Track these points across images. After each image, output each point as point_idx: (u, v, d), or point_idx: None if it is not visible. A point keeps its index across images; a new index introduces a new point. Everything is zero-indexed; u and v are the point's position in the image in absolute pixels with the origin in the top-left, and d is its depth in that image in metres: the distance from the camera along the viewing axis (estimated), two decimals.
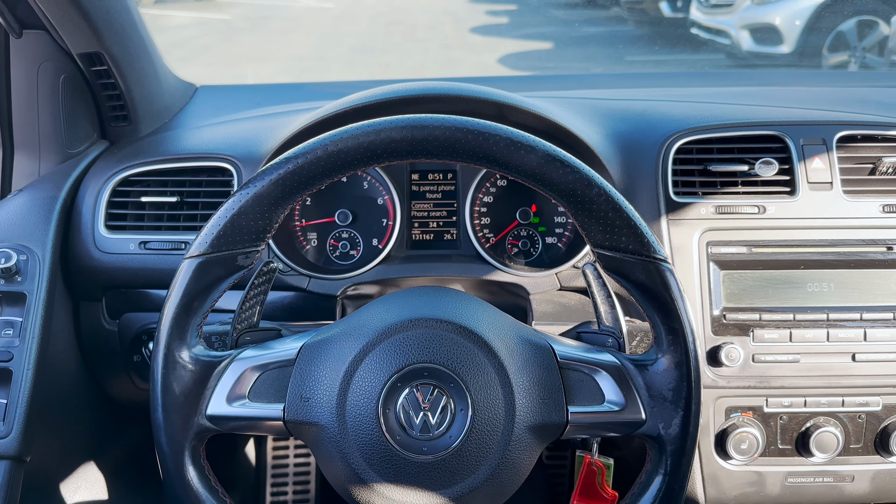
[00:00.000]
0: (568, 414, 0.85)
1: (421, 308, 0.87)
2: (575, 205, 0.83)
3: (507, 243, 1.31)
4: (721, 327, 1.15)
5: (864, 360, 1.14)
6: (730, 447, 1.16)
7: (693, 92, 1.52)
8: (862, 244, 1.15)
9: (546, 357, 0.87)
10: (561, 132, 1.16)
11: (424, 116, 0.81)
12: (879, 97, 1.47)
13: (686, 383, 0.85)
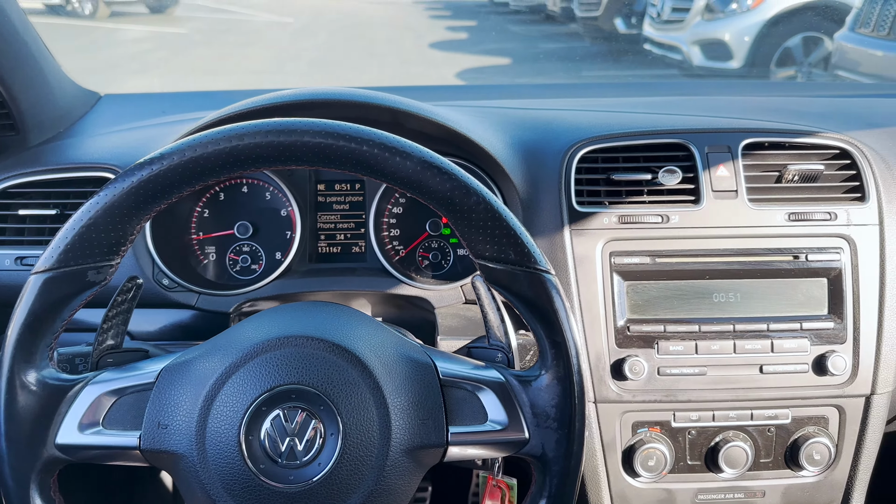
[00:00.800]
0: (448, 435, 0.81)
1: (291, 325, 0.82)
2: (454, 214, 0.79)
3: (418, 255, 1.27)
4: (625, 339, 1.11)
5: (772, 371, 1.12)
6: (637, 464, 1.12)
7: (608, 102, 1.50)
8: (768, 253, 1.13)
9: (427, 375, 0.83)
10: (460, 140, 1.12)
11: (292, 120, 0.76)
12: (792, 106, 1.46)
13: (569, 400, 0.81)
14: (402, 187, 0.78)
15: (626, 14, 8.79)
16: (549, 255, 1.12)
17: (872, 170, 1.15)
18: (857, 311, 1.12)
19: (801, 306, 1.13)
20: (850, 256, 1.13)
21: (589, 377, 1.11)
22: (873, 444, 1.16)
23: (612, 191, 1.14)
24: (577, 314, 1.11)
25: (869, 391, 1.13)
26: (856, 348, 1.12)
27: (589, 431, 1.13)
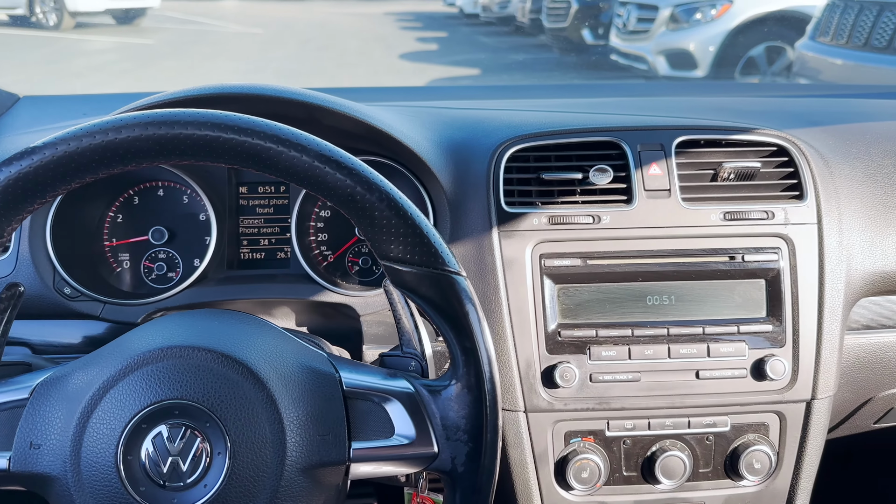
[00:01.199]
0: (350, 451, 0.75)
1: (176, 335, 0.76)
2: (355, 211, 0.74)
3: (347, 261, 1.21)
4: (556, 345, 1.06)
5: (708, 377, 1.08)
6: (570, 476, 1.07)
7: (548, 103, 1.46)
8: (703, 254, 1.09)
9: (329, 386, 0.77)
10: (383, 137, 1.07)
11: (174, 111, 0.71)
12: (734, 105, 1.43)
13: (480, 410, 0.76)
14: (298, 183, 0.73)
15: (593, 25, 8.86)
16: (477, 258, 1.07)
17: (810, 167, 1.12)
18: (797, 314, 1.08)
19: (738, 309, 1.09)
20: (789, 257, 1.09)
21: (518, 385, 1.06)
22: (815, 451, 1.12)
23: (542, 191, 1.10)
24: (505, 319, 1.05)
25: (809, 396, 1.09)
26: (795, 352, 1.08)
27: (519, 442, 1.08)
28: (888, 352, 1.18)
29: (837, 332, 1.09)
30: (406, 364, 0.84)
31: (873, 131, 1.28)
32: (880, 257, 1.13)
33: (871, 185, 1.17)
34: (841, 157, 1.19)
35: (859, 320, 1.17)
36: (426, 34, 12.77)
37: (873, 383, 1.20)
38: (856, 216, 1.13)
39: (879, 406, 1.25)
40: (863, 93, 2.07)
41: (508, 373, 1.05)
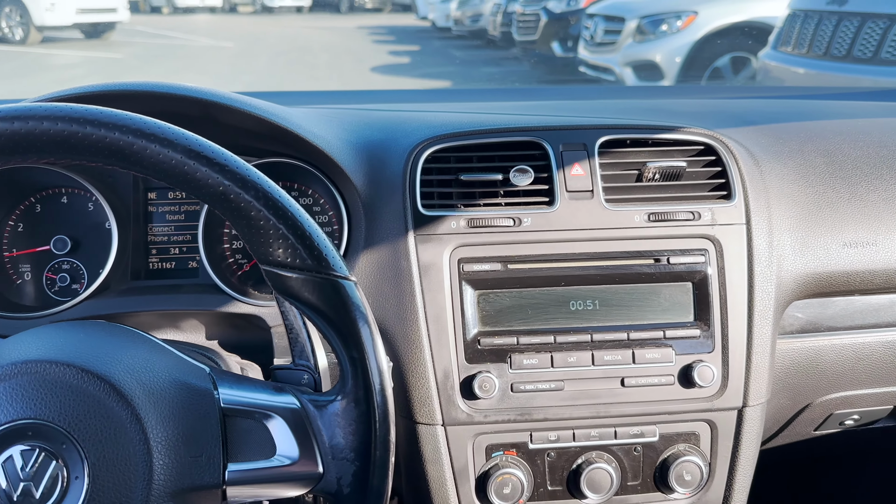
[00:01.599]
0: (225, 473, 0.69)
1: (33, 348, 0.69)
2: (229, 211, 0.69)
3: None
4: (475, 354, 1.01)
5: (634, 384, 1.03)
6: (492, 492, 1.01)
7: (479, 106, 1.42)
8: (627, 256, 1.05)
9: (204, 403, 0.71)
10: (289, 136, 1.02)
11: (28, 105, 0.65)
12: (670, 107, 1.40)
13: (367, 426, 0.70)
14: (166, 181, 0.68)
15: (562, 38, 8.92)
16: (392, 264, 1.02)
17: (739, 166, 1.09)
18: (725, 317, 1.05)
19: (664, 313, 1.05)
20: (716, 258, 1.05)
21: (436, 397, 1.00)
22: (748, 461, 1.08)
23: (461, 193, 1.05)
24: (422, 328, 1.00)
25: (740, 403, 1.05)
26: (724, 357, 1.04)
27: (438, 458, 1.02)
28: (824, 356, 1.14)
29: (769, 336, 1.06)
30: (298, 377, 0.78)
31: (808, 130, 1.25)
32: (812, 258, 1.10)
33: (802, 184, 1.14)
34: (773, 156, 1.16)
35: (793, 324, 1.13)
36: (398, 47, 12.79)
37: (810, 389, 1.17)
38: (786, 216, 1.10)
39: (818, 412, 1.21)
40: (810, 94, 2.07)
41: (425, 384, 1.00)
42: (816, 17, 4.67)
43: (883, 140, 1.23)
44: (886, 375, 1.18)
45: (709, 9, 6.53)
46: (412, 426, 1.02)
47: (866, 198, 1.14)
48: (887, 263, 1.11)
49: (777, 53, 5.03)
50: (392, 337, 1.01)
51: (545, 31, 9.14)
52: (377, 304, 1.02)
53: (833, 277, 1.10)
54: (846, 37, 4.47)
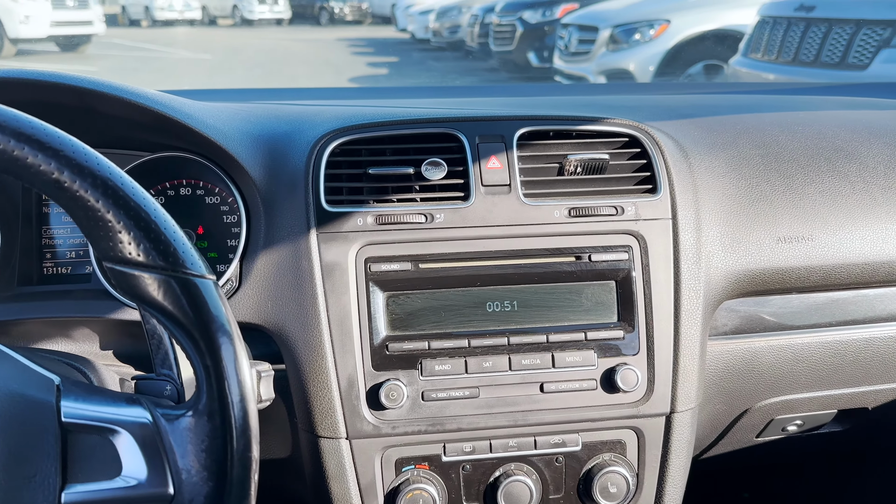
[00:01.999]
0: (61, 496, 0.62)
1: None
2: (65, 201, 0.62)
3: None
4: (383, 361, 0.94)
5: (554, 390, 0.96)
6: None
7: (407, 102, 1.36)
8: (546, 254, 0.98)
9: (42, 417, 0.64)
10: (177, 127, 0.95)
11: None
12: (607, 102, 1.35)
13: (222, 442, 0.63)
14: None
15: (538, 48, 8.93)
16: (292, 264, 0.95)
17: (664, 159, 1.03)
18: (650, 318, 0.98)
19: (586, 314, 0.99)
20: (641, 255, 0.99)
21: (339, 408, 0.93)
22: (679, 471, 1.01)
23: (370, 188, 0.98)
24: (324, 333, 0.93)
25: (668, 409, 0.99)
26: (650, 360, 0.98)
27: (342, 474, 0.95)
28: (761, 358, 1.08)
29: (697, 337, 0.99)
30: (160, 389, 0.71)
31: (744, 122, 1.20)
32: (744, 254, 1.04)
33: (734, 176, 1.08)
34: (704, 148, 1.11)
35: (726, 324, 1.07)
36: (377, 59, 12.76)
37: (748, 393, 1.11)
38: (716, 210, 1.04)
39: (758, 418, 1.15)
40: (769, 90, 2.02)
41: (327, 394, 0.93)
42: (785, 23, 4.69)
43: (822, 131, 1.18)
44: (828, 378, 1.12)
45: (681, 18, 6.56)
46: (315, 440, 0.94)
47: (802, 191, 1.08)
48: (824, 259, 1.05)
49: (747, 60, 5.04)
50: (292, 344, 0.94)
51: (521, 42, 9.16)
52: (276, 309, 0.95)
53: (766, 274, 1.04)
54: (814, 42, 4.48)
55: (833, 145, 1.15)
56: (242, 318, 0.96)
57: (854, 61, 4.25)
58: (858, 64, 4.20)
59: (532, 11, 9.13)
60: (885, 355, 1.12)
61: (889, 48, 4.16)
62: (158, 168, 1.02)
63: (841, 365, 1.11)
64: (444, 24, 12.47)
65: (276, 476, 1.05)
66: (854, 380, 1.13)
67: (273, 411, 0.99)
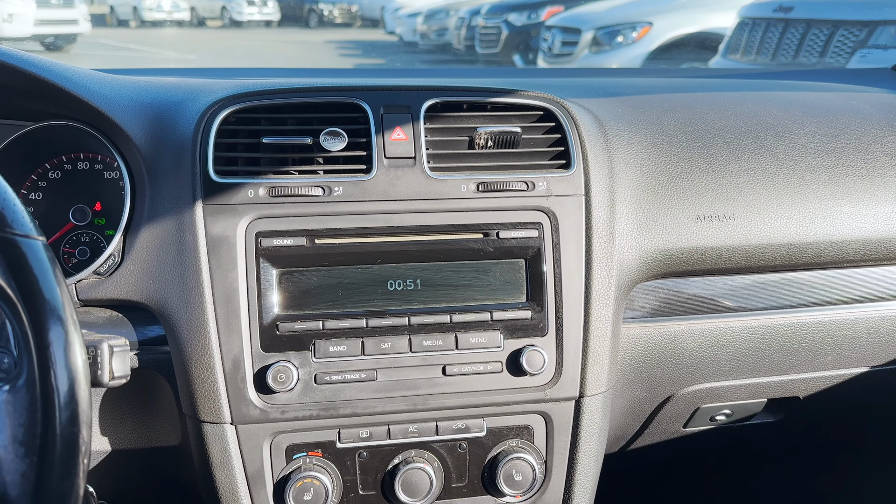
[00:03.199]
0: None
1: None
2: None
3: (63, 252, 1.02)
4: (273, 341, 0.89)
5: (457, 372, 0.91)
6: (290, 500, 0.89)
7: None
8: (453, 230, 0.93)
9: None
10: (56, 92, 0.89)
11: None
12: (546, 84, 1.30)
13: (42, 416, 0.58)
14: None
15: (523, 50, 8.92)
16: (176, 238, 0.90)
17: (579, 133, 0.98)
18: (560, 297, 0.93)
19: (494, 293, 0.94)
20: (551, 233, 0.94)
21: (223, 392, 0.88)
22: (590, 459, 0.96)
23: (265, 159, 0.93)
24: (208, 311, 0.88)
25: (577, 393, 0.94)
26: (559, 342, 0.93)
27: (227, 462, 0.89)
28: (682, 342, 1.03)
29: (609, 318, 0.95)
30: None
31: (673, 101, 1.16)
32: (660, 233, 0.99)
33: (655, 153, 1.04)
34: (625, 124, 1.06)
35: (644, 306, 1.03)
36: (365, 61, 12.72)
37: (669, 379, 1.06)
38: (633, 187, 1.00)
39: (682, 406, 1.10)
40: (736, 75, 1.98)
41: (210, 377, 0.88)
42: (763, 24, 4.67)
43: (753, 110, 1.14)
44: (754, 364, 1.07)
45: (663, 20, 6.56)
46: (199, 425, 0.89)
47: (726, 168, 1.04)
48: (746, 239, 1.01)
49: (726, 61, 5.02)
50: (174, 322, 0.88)
51: (506, 44, 9.14)
52: (158, 286, 0.89)
53: (685, 254, 1.00)
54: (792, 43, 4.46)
55: (763, 123, 1.11)
56: (124, 295, 0.90)
57: (832, 61, 4.23)
58: (836, 64, 4.18)
59: (517, 14, 9.12)
60: (815, 342, 1.07)
61: (865, 48, 4.15)
62: (50, 140, 0.97)
63: (768, 351, 1.06)
64: (431, 27, 12.44)
65: (167, 465, 1.00)
66: (782, 367, 1.09)
67: (160, 396, 0.94)
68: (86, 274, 0.92)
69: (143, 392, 0.94)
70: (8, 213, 0.59)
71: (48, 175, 1.03)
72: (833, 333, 1.07)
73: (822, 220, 1.04)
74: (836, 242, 1.05)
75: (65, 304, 0.60)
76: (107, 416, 0.95)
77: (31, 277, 0.58)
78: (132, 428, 0.96)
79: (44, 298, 0.58)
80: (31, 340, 0.58)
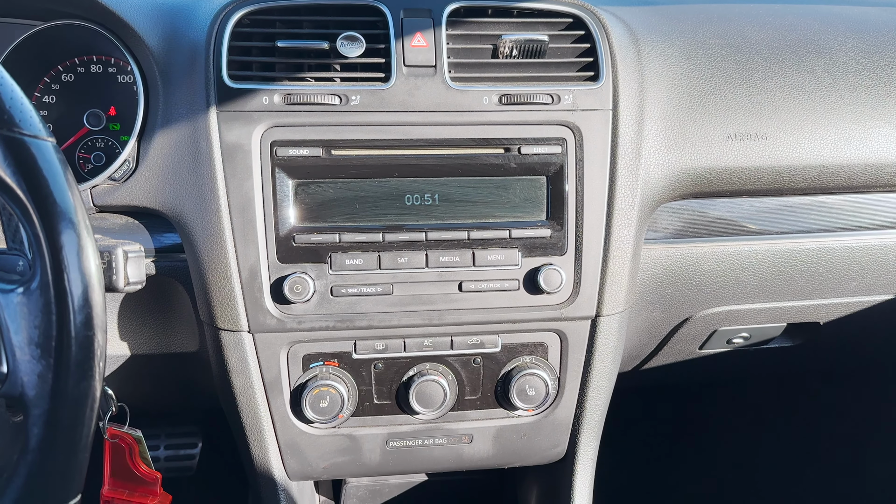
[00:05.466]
0: None
1: None
2: None
3: (78, 158, 1.01)
4: (289, 253, 0.88)
5: (474, 289, 0.91)
6: (306, 406, 0.90)
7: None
8: (473, 144, 0.90)
9: None
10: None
11: None
12: None
13: (57, 318, 0.58)
14: None
15: None
16: (190, 144, 0.88)
17: (610, 43, 0.93)
18: (580, 216, 0.91)
19: (514, 210, 0.92)
20: (575, 149, 0.91)
21: (240, 300, 0.88)
22: (604, 377, 0.97)
23: (281, 64, 0.90)
24: (224, 220, 0.87)
25: (593, 312, 0.93)
26: (578, 261, 0.92)
27: (244, 368, 0.91)
28: (703, 265, 1.02)
29: (630, 239, 0.93)
30: (13, 263, 0.65)
31: (711, 12, 1.09)
32: (689, 151, 0.96)
33: (687, 66, 0.98)
34: (659, 35, 1.01)
35: (668, 227, 1.00)
36: None
37: (687, 301, 1.05)
38: (663, 102, 0.96)
39: (699, 328, 1.10)
40: None
41: (227, 285, 0.88)
42: None
43: (794, 24, 1.07)
44: (775, 289, 1.05)
45: None
46: (216, 333, 0.90)
47: (762, 85, 0.99)
48: (777, 160, 0.97)
49: None
50: (190, 231, 0.88)
51: None
52: (174, 193, 0.88)
53: (713, 174, 0.96)
54: None
55: (803, 38, 1.04)
56: (139, 201, 0.89)
57: None
58: None
59: None
60: (840, 267, 1.05)
61: None
62: (61, 41, 0.94)
63: (791, 276, 1.04)
64: None
65: (186, 370, 1.01)
66: (805, 292, 1.07)
67: (178, 303, 0.95)
68: (101, 179, 0.91)
69: (161, 299, 0.95)
70: (16, 113, 0.57)
71: (61, 78, 1.00)
72: (860, 259, 1.05)
73: (858, 141, 1.00)
74: (872, 166, 1.01)
75: (76, 207, 0.58)
76: (126, 321, 0.96)
77: (42, 179, 0.57)
78: (151, 334, 0.97)
79: (54, 201, 0.57)
80: (43, 244, 0.58)
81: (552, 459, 1.03)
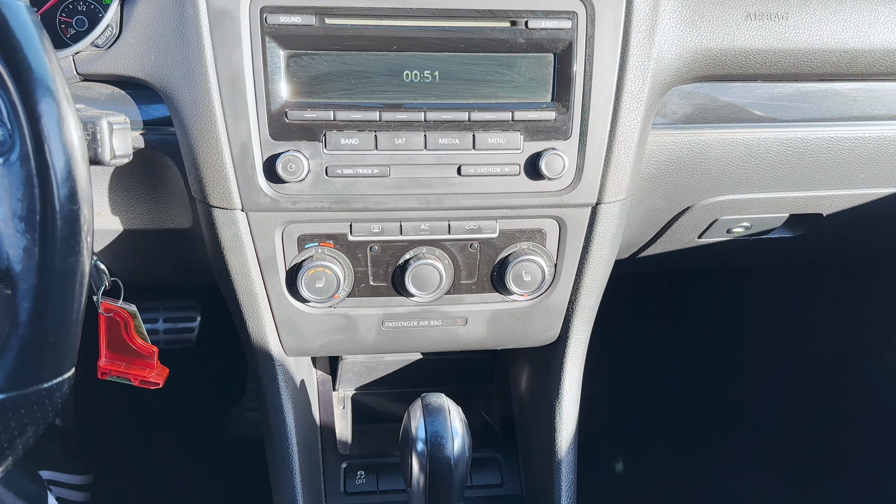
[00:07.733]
0: None
1: None
2: None
3: (60, 21, 0.95)
4: (282, 129, 0.85)
5: (473, 173, 0.88)
6: (302, 286, 0.90)
7: None
8: (476, 16, 0.85)
9: None
10: None
11: None
12: None
13: (40, 191, 0.55)
14: None
15: None
16: (175, 9, 0.82)
17: None
18: (588, 98, 0.87)
19: (517, 90, 0.87)
20: (586, 25, 0.86)
21: (232, 178, 0.85)
22: (601, 264, 0.96)
23: None
24: (213, 93, 0.82)
25: (594, 200, 0.91)
26: (581, 146, 0.89)
27: (239, 247, 0.90)
28: (710, 152, 0.99)
29: (638, 123, 0.89)
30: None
31: None
32: (706, 31, 0.90)
33: None
34: None
35: (676, 112, 0.96)
36: None
37: (691, 189, 1.03)
38: None
39: (700, 216, 1.08)
40: None
41: (218, 161, 0.85)
42: None
43: None
44: (781, 178, 1.03)
45: None
46: (209, 210, 0.88)
47: None
48: (796, 42, 0.92)
49: None
50: (178, 103, 0.84)
51: None
52: (159, 62, 0.83)
53: (728, 56, 0.91)
54: None
55: None
56: (124, 70, 0.85)
57: None
58: None
59: None
60: (850, 158, 1.02)
61: None
62: None
63: (799, 165, 1.02)
64: None
65: (180, 247, 1.00)
66: (811, 182, 1.05)
67: (169, 178, 0.92)
68: (83, 45, 0.86)
69: (152, 173, 0.92)
70: None
71: None
72: (870, 150, 1.02)
73: (883, 25, 0.94)
74: (894, 52, 0.96)
75: (54, 73, 0.55)
76: (116, 196, 0.94)
77: (15, 43, 0.53)
78: (143, 209, 0.95)
79: (30, 66, 0.54)
80: (20, 113, 0.55)
81: (545, 342, 1.05)
